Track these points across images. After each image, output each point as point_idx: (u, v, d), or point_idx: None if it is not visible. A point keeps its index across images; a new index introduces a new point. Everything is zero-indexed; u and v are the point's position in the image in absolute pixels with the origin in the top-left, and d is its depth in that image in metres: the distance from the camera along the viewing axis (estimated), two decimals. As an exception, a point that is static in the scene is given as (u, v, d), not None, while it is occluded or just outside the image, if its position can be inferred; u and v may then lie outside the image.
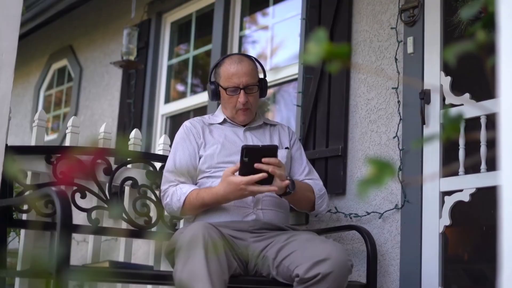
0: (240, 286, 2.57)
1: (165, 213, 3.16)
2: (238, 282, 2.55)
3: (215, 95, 2.96)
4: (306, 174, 2.99)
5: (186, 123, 2.98)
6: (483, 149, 2.81)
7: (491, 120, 2.83)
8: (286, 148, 2.98)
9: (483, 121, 2.84)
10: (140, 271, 2.57)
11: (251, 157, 2.61)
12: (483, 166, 2.82)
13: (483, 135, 2.82)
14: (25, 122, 6.63)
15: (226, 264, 2.40)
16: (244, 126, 2.97)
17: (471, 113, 2.85)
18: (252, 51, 4.49)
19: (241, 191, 2.62)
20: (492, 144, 2.81)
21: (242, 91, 2.87)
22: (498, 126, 0.91)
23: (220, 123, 2.97)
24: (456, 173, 2.92)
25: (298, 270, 2.47)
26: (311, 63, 0.91)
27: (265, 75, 3.03)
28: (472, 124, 2.91)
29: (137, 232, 3.05)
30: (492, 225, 2.81)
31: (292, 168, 3.01)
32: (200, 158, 2.87)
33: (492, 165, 2.80)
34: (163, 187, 2.85)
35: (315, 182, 2.99)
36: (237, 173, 2.62)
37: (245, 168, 2.62)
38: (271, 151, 2.65)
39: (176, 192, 2.77)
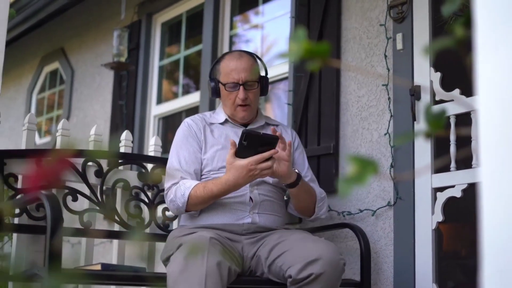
0: (235, 286, 2.56)
1: (158, 214, 3.16)
2: (234, 283, 2.54)
3: (215, 92, 2.94)
4: (308, 180, 2.98)
5: (187, 120, 2.94)
6: (474, 145, 2.81)
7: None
8: None
9: (473, 116, 2.83)
10: (132, 273, 2.56)
11: (250, 142, 2.58)
12: (474, 161, 2.81)
13: (474, 131, 2.82)
14: (18, 125, 6.61)
15: (226, 280, 2.39)
16: (245, 126, 2.93)
17: (462, 108, 2.85)
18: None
19: (252, 171, 2.57)
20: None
21: (241, 87, 2.83)
22: (477, 123, 0.91)
23: (221, 123, 2.94)
24: (447, 169, 2.92)
25: (290, 271, 2.46)
26: (292, 62, 0.91)
27: (266, 73, 3.01)
28: (463, 119, 2.91)
29: (130, 234, 3.04)
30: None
31: None
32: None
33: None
34: (166, 185, 2.79)
35: (316, 185, 2.99)
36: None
37: (243, 151, 2.59)
38: (272, 140, 2.61)
39: (179, 187, 2.71)
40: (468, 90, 2.92)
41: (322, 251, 2.46)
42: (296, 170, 2.80)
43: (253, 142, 2.59)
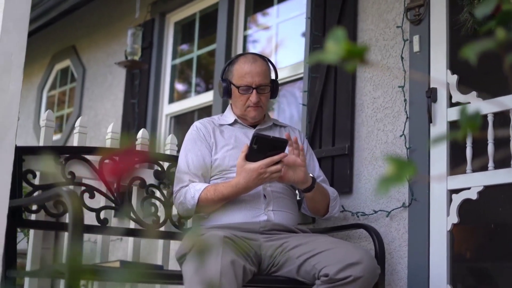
0: (252, 285, 2.57)
1: (173, 212, 3.17)
2: (252, 282, 2.55)
3: (226, 93, 2.97)
4: (321, 181, 3.00)
5: (196, 124, 2.98)
6: (490, 147, 2.82)
7: (498, 118, 2.84)
8: None
9: (490, 119, 2.84)
10: (157, 271, 2.58)
11: (260, 146, 2.63)
12: (490, 164, 2.82)
13: (490, 133, 2.83)
14: (28, 122, 6.64)
15: (242, 278, 2.41)
16: (254, 127, 2.98)
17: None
18: (257, 51, 4.49)
19: (262, 175, 2.63)
20: (499, 142, 2.82)
21: (254, 90, 2.89)
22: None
23: (230, 124, 2.98)
24: (463, 171, 2.92)
25: (327, 270, 2.48)
26: (330, 62, 0.92)
27: (276, 76, 3.05)
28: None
29: (146, 231, 3.05)
30: (500, 223, 2.82)
31: None
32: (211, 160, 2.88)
33: (499, 163, 2.81)
34: (175, 188, 2.84)
35: (327, 185, 3.03)
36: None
37: (253, 155, 2.64)
38: (281, 143, 2.66)
39: (189, 190, 2.77)
40: (483, 92, 2.93)
41: (364, 256, 2.51)
42: (310, 174, 2.83)
43: (263, 145, 2.64)
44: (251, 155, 2.65)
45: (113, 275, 2.42)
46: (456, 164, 2.98)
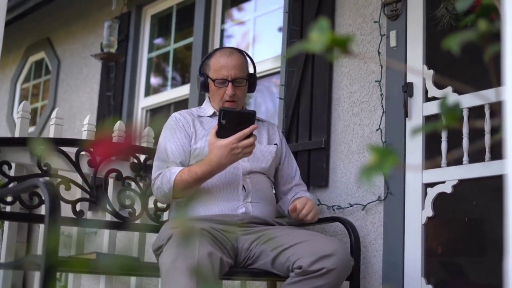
0: (229, 278, 2.58)
1: (150, 205, 3.16)
2: (229, 274, 2.56)
3: (204, 87, 2.97)
4: (299, 178, 3.04)
5: (175, 114, 2.98)
6: (465, 141, 2.85)
7: (473, 112, 2.88)
8: (275, 144, 3.01)
9: (465, 113, 2.88)
10: (134, 263, 2.57)
11: (228, 120, 2.60)
12: (465, 158, 2.86)
13: (465, 127, 2.86)
14: (0, 115, 6.57)
15: (218, 270, 2.41)
16: None
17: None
18: (234, 45, 4.49)
19: (233, 150, 2.60)
20: (473, 136, 2.86)
21: (230, 83, 2.89)
22: (503, 114, 0.94)
23: (210, 116, 2.98)
24: (438, 165, 2.96)
25: (301, 262, 2.50)
26: (315, 52, 0.93)
27: (255, 70, 3.05)
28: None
29: (122, 224, 3.04)
30: (474, 217, 2.86)
31: (283, 171, 3.05)
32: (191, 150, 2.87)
33: (474, 157, 2.85)
34: (153, 176, 2.82)
35: (305, 189, 3.09)
36: None
37: (223, 131, 2.61)
38: (250, 115, 2.64)
39: (165, 174, 2.75)
40: (459, 87, 2.95)
41: (337, 248, 2.53)
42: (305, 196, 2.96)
43: (232, 119, 2.61)
44: (221, 131, 2.62)
45: (90, 266, 2.41)
46: (431, 158, 3.02)
